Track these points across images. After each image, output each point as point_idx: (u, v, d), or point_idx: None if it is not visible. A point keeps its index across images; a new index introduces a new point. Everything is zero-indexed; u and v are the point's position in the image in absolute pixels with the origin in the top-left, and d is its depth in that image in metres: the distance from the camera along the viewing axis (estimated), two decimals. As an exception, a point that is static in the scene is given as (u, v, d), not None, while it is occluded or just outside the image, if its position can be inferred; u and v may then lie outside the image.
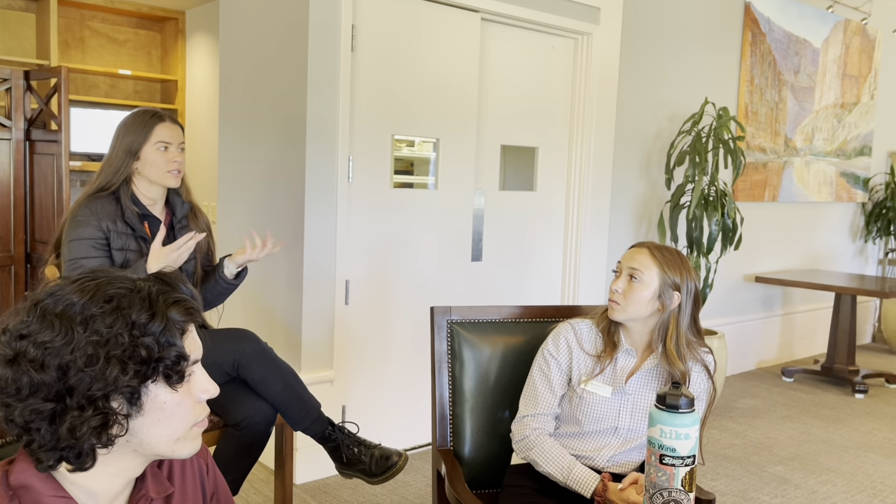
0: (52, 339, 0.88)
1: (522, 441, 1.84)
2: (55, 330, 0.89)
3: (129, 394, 0.91)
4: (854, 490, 3.22)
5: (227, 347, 2.14)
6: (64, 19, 4.91)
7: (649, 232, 4.39)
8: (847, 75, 5.61)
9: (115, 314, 0.90)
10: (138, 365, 0.90)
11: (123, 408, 0.91)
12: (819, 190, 5.53)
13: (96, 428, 0.90)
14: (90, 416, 0.89)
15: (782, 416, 4.18)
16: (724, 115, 4.09)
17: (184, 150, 2.25)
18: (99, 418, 0.90)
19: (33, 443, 0.91)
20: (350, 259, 3.14)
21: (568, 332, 1.86)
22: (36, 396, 0.89)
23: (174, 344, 0.93)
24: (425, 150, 3.35)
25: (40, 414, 0.89)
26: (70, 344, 0.88)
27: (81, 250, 2.08)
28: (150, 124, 2.17)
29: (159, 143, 2.17)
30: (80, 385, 0.88)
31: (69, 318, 0.89)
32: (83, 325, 0.89)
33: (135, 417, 0.93)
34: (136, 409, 0.92)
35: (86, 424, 0.89)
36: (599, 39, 3.82)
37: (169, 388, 0.94)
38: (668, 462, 1.29)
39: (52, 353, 0.88)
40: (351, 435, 2.27)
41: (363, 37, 3.07)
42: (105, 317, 0.90)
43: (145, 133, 2.16)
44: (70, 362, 0.88)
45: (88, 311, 0.90)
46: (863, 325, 6.19)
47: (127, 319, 0.90)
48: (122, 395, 0.91)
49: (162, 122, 2.19)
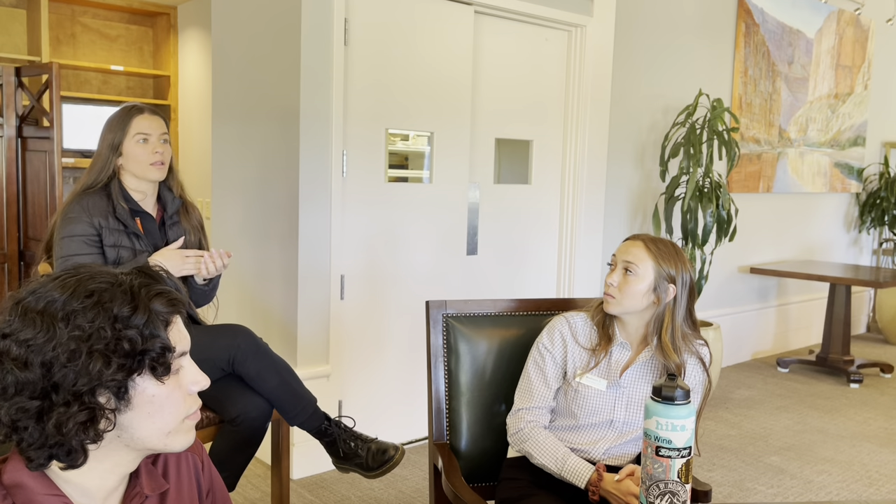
0: (34, 336, 0.88)
1: (517, 434, 1.84)
2: (37, 327, 0.88)
3: (115, 388, 0.90)
4: (849, 479, 3.23)
5: (222, 343, 2.13)
6: (55, 15, 4.88)
7: (644, 224, 4.39)
8: (841, 66, 5.61)
9: (97, 308, 0.90)
10: (122, 358, 0.90)
11: (111, 402, 0.91)
12: (813, 181, 5.54)
13: (83, 423, 0.89)
14: (76, 412, 0.89)
15: (778, 407, 4.20)
16: (719, 107, 4.09)
17: (167, 141, 2.22)
18: (85, 413, 0.89)
19: (22, 441, 0.91)
20: (345, 254, 3.13)
21: (563, 326, 1.86)
22: (21, 395, 0.88)
23: (158, 335, 0.92)
24: (420, 144, 3.34)
25: (27, 412, 0.89)
26: (52, 340, 0.88)
27: (73, 247, 2.07)
28: (127, 118, 2.16)
29: (138, 135, 2.15)
30: (64, 381, 0.88)
31: (50, 314, 0.89)
32: (64, 321, 0.89)
33: (124, 412, 0.92)
34: (124, 404, 0.92)
35: (72, 420, 0.89)
36: (593, 31, 3.82)
37: (156, 380, 0.93)
38: (664, 454, 1.29)
39: (34, 350, 0.88)
40: (347, 429, 2.27)
41: (356, 30, 3.06)
42: (86, 311, 0.89)
43: (123, 127, 2.16)
44: (53, 359, 0.88)
45: (69, 306, 0.89)
46: (857, 316, 6.21)
47: (109, 313, 0.90)
48: (108, 390, 0.90)
49: (140, 115, 2.17)
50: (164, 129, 2.22)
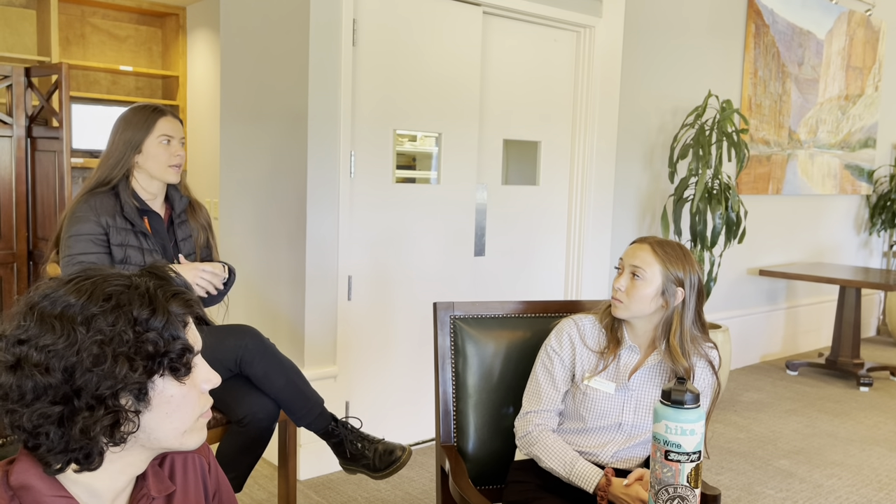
0: (55, 341, 0.88)
1: (525, 437, 1.83)
2: (56, 332, 0.88)
3: (136, 390, 0.91)
4: (859, 483, 3.21)
5: (229, 343, 2.13)
6: (65, 16, 4.90)
7: (653, 225, 4.37)
8: (851, 67, 5.58)
9: (116, 312, 0.90)
10: (145, 360, 0.90)
11: (132, 404, 0.91)
12: (823, 182, 5.50)
13: (108, 427, 0.90)
14: (102, 416, 0.89)
15: (787, 410, 4.17)
16: (728, 108, 4.07)
17: (184, 144, 2.25)
18: (110, 417, 0.89)
19: (40, 447, 0.90)
20: (352, 255, 3.13)
21: (571, 328, 1.85)
22: (42, 401, 0.88)
23: (179, 337, 0.93)
24: (427, 145, 3.33)
25: (48, 418, 0.88)
26: (74, 345, 0.87)
27: (80, 246, 2.07)
28: (152, 118, 2.17)
29: (162, 136, 2.17)
30: (87, 385, 0.88)
31: (69, 318, 0.89)
32: (85, 325, 0.88)
33: (143, 413, 0.93)
34: (144, 405, 0.92)
35: (98, 424, 0.89)
36: (602, 32, 3.80)
37: (176, 381, 0.94)
38: (673, 458, 1.28)
39: (55, 355, 0.87)
40: (354, 430, 2.27)
41: (364, 31, 3.05)
42: (106, 315, 0.89)
43: (148, 126, 2.16)
44: (76, 363, 0.87)
45: (88, 310, 0.89)
46: (867, 318, 6.17)
47: (129, 316, 0.90)
48: (129, 392, 0.90)
49: (164, 117, 2.19)
50: (182, 133, 2.24)
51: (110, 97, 4.98)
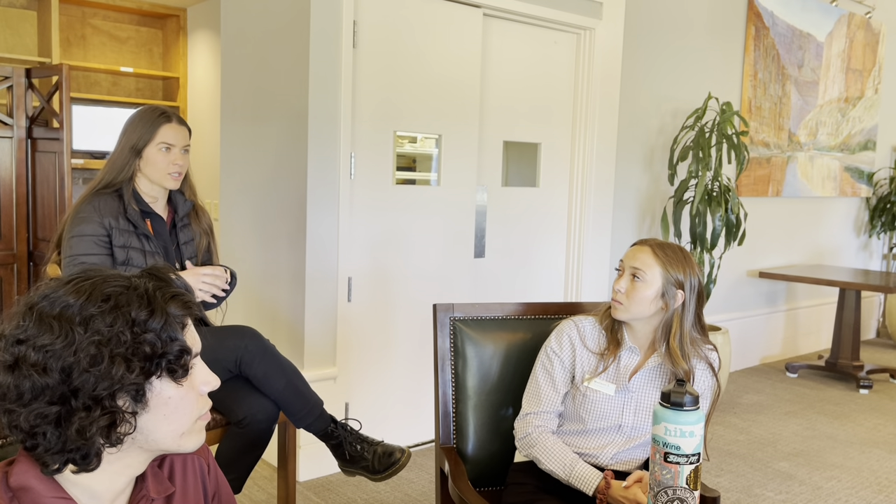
0: (53, 341, 0.88)
1: (525, 439, 1.83)
2: (55, 332, 0.88)
3: (134, 391, 0.91)
4: (859, 486, 3.21)
5: (229, 344, 2.13)
6: (65, 17, 4.90)
7: (652, 227, 4.37)
8: (851, 69, 5.58)
9: (115, 313, 0.90)
10: (143, 362, 0.90)
11: (129, 405, 0.91)
12: (823, 185, 5.51)
13: (105, 428, 0.90)
14: (98, 417, 0.89)
15: (786, 412, 4.17)
16: (728, 110, 4.07)
17: (188, 152, 2.24)
18: (107, 418, 0.89)
19: (38, 447, 0.90)
20: (352, 256, 3.13)
21: (571, 330, 1.85)
22: (39, 401, 0.88)
23: (177, 339, 0.93)
24: (427, 147, 3.34)
25: (45, 418, 0.88)
26: (72, 345, 0.88)
27: (82, 247, 2.07)
28: (156, 123, 2.17)
29: (162, 143, 2.16)
30: (84, 386, 0.88)
31: (68, 319, 0.89)
32: (83, 326, 0.88)
33: (140, 414, 0.93)
34: (141, 406, 0.92)
35: (94, 425, 0.89)
36: (602, 34, 3.81)
37: (173, 382, 0.94)
38: (672, 460, 1.28)
39: (53, 355, 0.88)
40: (354, 432, 2.27)
41: (365, 33, 3.06)
42: (104, 316, 0.89)
43: (151, 132, 2.16)
44: (73, 364, 0.88)
45: (87, 311, 0.89)
46: (867, 321, 6.17)
47: (127, 317, 0.90)
48: (127, 393, 0.90)
49: (168, 123, 2.18)
50: (187, 140, 2.23)
51: (111, 98, 4.99)
